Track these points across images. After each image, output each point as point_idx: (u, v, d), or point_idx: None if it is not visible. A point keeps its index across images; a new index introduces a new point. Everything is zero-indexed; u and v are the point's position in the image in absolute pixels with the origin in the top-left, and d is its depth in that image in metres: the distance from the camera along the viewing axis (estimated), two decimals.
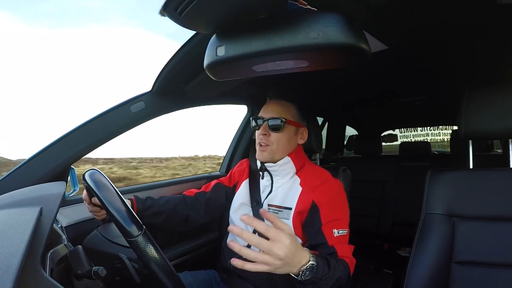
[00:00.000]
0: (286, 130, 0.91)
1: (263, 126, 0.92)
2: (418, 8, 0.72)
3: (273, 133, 0.91)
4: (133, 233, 0.57)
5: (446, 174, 0.89)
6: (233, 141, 1.64)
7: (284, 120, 0.90)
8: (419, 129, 3.32)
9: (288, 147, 0.93)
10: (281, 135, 0.91)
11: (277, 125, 0.90)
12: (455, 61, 1.18)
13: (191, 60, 0.88)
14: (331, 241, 0.80)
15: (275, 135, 0.91)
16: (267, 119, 0.91)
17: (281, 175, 0.94)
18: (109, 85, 34.53)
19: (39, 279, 0.42)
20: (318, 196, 0.86)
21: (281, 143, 0.91)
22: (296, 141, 0.96)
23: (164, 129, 9.93)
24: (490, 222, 0.80)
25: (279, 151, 0.92)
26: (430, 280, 0.79)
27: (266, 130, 0.91)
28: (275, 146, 0.91)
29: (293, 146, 0.95)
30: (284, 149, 0.93)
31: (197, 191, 1.04)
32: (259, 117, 0.93)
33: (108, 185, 0.63)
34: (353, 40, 0.53)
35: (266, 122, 0.91)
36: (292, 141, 0.94)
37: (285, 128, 0.91)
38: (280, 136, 0.91)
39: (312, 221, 0.85)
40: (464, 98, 0.88)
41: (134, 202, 0.88)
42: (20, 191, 0.70)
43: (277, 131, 0.91)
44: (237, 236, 0.56)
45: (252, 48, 0.57)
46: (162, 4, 0.52)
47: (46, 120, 14.37)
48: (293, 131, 0.94)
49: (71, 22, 66.84)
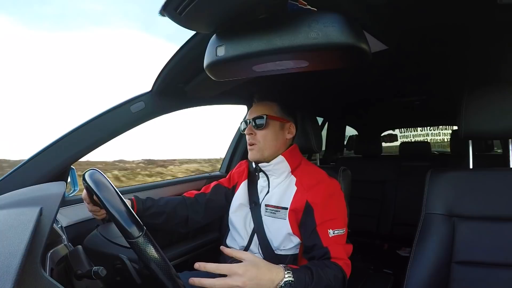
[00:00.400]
0: (270, 126, 0.94)
1: (248, 127, 0.95)
2: (418, 8, 0.72)
3: (258, 131, 0.94)
4: (134, 234, 0.57)
5: (446, 174, 0.89)
6: (233, 141, 1.64)
7: (266, 115, 0.93)
8: (419, 129, 3.32)
9: (277, 143, 0.95)
10: (266, 131, 0.93)
11: (261, 123, 0.93)
12: (455, 61, 1.18)
13: (191, 60, 0.88)
14: (326, 242, 0.80)
15: (260, 133, 0.93)
16: (251, 120, 0.94)
17: (276, 174, 0.95)
18: (109, 86, 34.63)
19: (39, 279, 0.42)
20: (313, 196, 0.86)
21: (268, 139, 0.93)
22: (284, 136, 0.97)
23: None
24: (490, 222, 0.80)
25: (267, 147, 0.93)
26: (430, 280, 0.79)
27: (252, 130, 0.94)
28: (262, 143, 0.93)
29: (282, 141, 0.96)
30: (272, 145, 0.94)
31: (197, 192, 1.04)
32: (246, 120, 0.97)
33: (108, 185, 0.63)
34: (353, 40, 0.53)
35: (251, 123, 0.94)
36: (280, 136, 0.95)
37: (268, 124, 0.93)
38: (265, 132, 0.93)
39: (307, 222, 0.85)
40: (464, 98, 0.88)
41: (134, 202, 0.88)
42: (20, 191, 0.70)
43: (261, 128, 0.93)
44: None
45: (252, 48, 0.57)
46: (162, 4, 0.52)
47: (46, 120, 14.43)
48: (277, 126, 0.95)
49: (71, 25, 66.88)
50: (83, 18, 61.35)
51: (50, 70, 25.69)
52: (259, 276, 0.62)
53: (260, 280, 0.62)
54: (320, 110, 2.21)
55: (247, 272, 0.62)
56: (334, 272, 0.74)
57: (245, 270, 0.62)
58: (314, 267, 0.71)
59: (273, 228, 0.90)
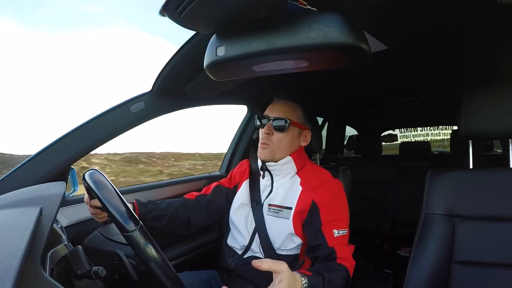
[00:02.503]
0: (289, 131, 0.91)
1: (267, 125, 0.91)
2: (418, 8, 0.72)
3: (277, 133, 0.91)
4: (129, 228, 0.57)
5: (446, 174, 0.89)
6: (233, 141, 1.64)
7: (289, 121, 0.90)
8: (419, 129, 3.32)
9: (290, 148, 0.93)
10: (284, 135, 0.91)
11: (281, 126, 0.90)
12: (455, 61, 1.18)
13: (191, 60, 0.88)
14: (331, 242, 0.80)
15: (278, 135, 0.91)
16: (272, 119, 0.91)
17: (282, 174, 0.94)
18: (108, 86, 34.81)
19: (39, 279, 0.42)
20: (319, 196, 0.86)
21: (283, 144, 0.91)
22: (298, 143, 0.95)
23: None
24: (490, 222, 0.80)
25: (280, 151, 0.91)
26: (430, 280, 0.79)
27: (270, 130, 0.91)
28: (276, 146, 0.91)
29: (295, 147, 0.95)
30: (286, 150, 0.92)
31: (197, 194, 1.04)
32: (264, 116, 0.93)
33: (107, 184, 0.63)
34: (353, 40, 0.53)
35: (271, 122, 0.91)
36: (295, 143, 0.94)
37: (289, 129, 0.90)
38: (283, 136, 0.91)
39: (312, 221, 0.85)
40: (464, 98, 0.88)
41: (135, 205, 0.87)
42: (20, 191, 0.71)
43: (280, 132, 0.90)
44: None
45: (252, 48, 0.57)
46: (162, 5, 0.52)
47: (46, 120, 14.49)
48: (296, 132, 0.93)
49: (70, 26, 66.78)
50: (81, 20, 61.16)
51: (50, 70, 25.71)
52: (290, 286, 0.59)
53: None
54: (320, 110, 2.21)
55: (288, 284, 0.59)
56: (342, 275, 0.74)
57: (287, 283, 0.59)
58: (326, 273, 0.71)
59: (275, 228, 0.90)
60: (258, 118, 0.94)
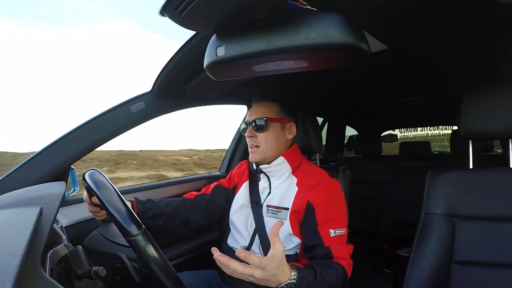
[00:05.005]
0: (271, 128, 0.93)
1: (249, 129, 0.94)
2: (418, 8, 0.72)
3: (259, 133, 0.93)
4: (132, 233, 0.57)
5: (446, 174, 0.89)
6: (233, 141, 1.64)
7: (266, 118, 0.92)
8: (419, 129, 3.32)
9: (278, 144, 0.94)
10: (266, 133, 0.92)
11: (261, 125, 0.92)
12: (455, 61, 1.19)
13: (191, 60, 0.88)
14: (327, 241, 0.81)
15: (261, 135, 0.92)
16: (251, 122, 0.93)
17: (277, 175, 0.95)
18: (108, 86, 34.61)
19: (39, 279, 0.42)
20: (314, 196, 0.86)
21: (269, 141, 0.92)
22: (284, 137, 0.96)
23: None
24: (490, 222, 0.80)
25: (269, 150, 0.93)
26: (430, 280, 0.79)
27: (252, 132, 0.93)
28: (263, 145, 0.92)
29: (283, 142, 0.95)
30: (274, 147, 0.93)
31: (197, 193, 1.04)
32: (245, 121, 0.96)
33: (108, 185, 0.63)
34: (353, 40, 0.53)
35: (251, 125, 0.93)
36: (281, 138, 0.95)
37: (269, 126, 0.92)
38: (266, 135, 0.92)
39: (308, 221, 0.85)
40: (464, 98, 0.88)
41: (134, 204, 0.88)
42: (20, 191, 0.70)
43: (262, 131, 0.92)
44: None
45: (252, 48, 0.57)
46: (162, 4, 0.52)
47: (46, 120, 14.40)
48: (278, 127, 0.94)
49: (66, 24, 67.00)
50: (77, 18, 61.45)
51: (48, 69, 25.73)
52: (273, 273, 0.62)
53: (274, 276, 0.62)
54: (320, 110, 2.21)
55: (272, 269, 0.61)
56: (336, 272, 0.74)
57: (271, 267, 0.61)
58: (318, 267, 0.71)
59: None
60: (240, 125, 0.98)
